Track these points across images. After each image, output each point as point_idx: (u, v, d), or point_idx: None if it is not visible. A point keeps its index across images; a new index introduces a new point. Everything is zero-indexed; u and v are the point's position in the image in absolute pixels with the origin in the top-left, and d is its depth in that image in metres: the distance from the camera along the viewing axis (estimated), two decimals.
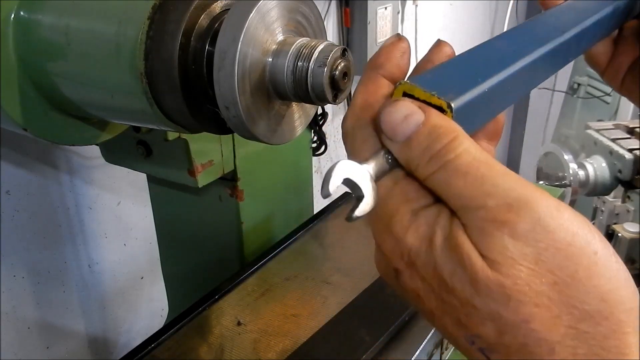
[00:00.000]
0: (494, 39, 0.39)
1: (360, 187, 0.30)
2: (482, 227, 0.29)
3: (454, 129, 0.30)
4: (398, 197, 0.31)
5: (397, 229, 0.31)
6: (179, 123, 0.48)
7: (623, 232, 1.70)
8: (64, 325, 1.20)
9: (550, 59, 0.40)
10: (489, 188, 0.29)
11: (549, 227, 0.28)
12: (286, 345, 0.78)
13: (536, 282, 0.28)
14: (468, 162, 0.29)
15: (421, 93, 0.31)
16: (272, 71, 0.44)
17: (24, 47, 0.51)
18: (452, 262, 0.29)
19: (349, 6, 1.68)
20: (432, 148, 0.30)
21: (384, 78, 0.34)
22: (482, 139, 0.36)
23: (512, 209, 0.28)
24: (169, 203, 1.01)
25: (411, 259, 0.31)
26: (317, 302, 0.87)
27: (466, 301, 0.29)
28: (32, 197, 1.08)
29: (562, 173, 1.78)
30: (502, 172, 0.29)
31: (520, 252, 0.28)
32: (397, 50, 0.35)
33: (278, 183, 1.03)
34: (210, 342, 0.80)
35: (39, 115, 0.54)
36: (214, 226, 0.99)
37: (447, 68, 0.35)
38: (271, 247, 1.00)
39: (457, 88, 0.32)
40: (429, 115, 0.30)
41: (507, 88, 0.35)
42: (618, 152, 1.66)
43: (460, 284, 0.29)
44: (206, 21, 0.46)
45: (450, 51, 0.37)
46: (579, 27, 0.43)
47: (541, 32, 0.41)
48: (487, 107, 0.34)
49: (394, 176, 0.32)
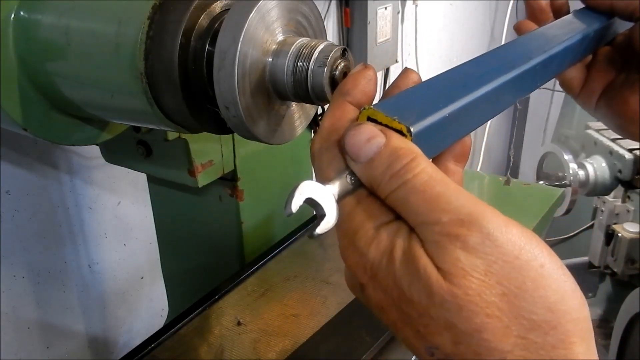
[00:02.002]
0: (462, 64, 0.41)
1: (322, 206, 0.32)
2: (437, 240, 0.31)
3: (413, 150, 0.32)
4: (362, 214, 0.34)
5: (360, 243, 0.33)
6: (179, 123, 0.48)
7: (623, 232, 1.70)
8: (64, 325, 1.20)
9: (515, 85, 0.41)
10: (443, 205, 0.31)
11: (497, 240, 0.30)
12: (286, 345, 0.78)
13: (486, 293, 0.30)
14: (425, 181, 0.31)
15: (383, 118, 0.33)
16: (272, 71, 0.44)
17: (24, 47, 0.51)
18: (410, 273, 0.31)
19: (349, 6, 1.68)
20: (392, 168, 0.32)
21: (350, 104, 0.36)
22: (449, 160, 0.38)
23: (464, 224, 0.30)
24: (169, 203, 1.01)
25: (373, 272, 0.33)
26: (317, 302, 0.87)
27: (423, 311, 0.31)
28: (32, 197, 1.08)
29: (562, 173, 1.78)
30: (456, 190, 0.32)
31: (471, 263, 0.30)
32: (362, 78, 0.37)
33: (278, 183, 1.03)
34: (210, 342, 0.80)
35: (39, 115, 0.54)
36: (214, 226, 0.99)
37: (412, 94, 0.37)
38: (271, 247, 1.00)
39: (418, 113, 0.34)
40: (389, 138, 0.33)
41: (470, 112, 0.37)
42: (618, 152, 1.66)
43: (417, 294, 0.31)
44: (206, 21, 0.46)
45: (417, 78, 0.39)
46: (546, 54, 0.45)
47: (508, 59, 0.42)
48: (449, 131, 0.36)
49: (358, 195, 0.34)
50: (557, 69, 0.49)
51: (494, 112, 0.40)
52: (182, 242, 1.05)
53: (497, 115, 0.42)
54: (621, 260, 1.73)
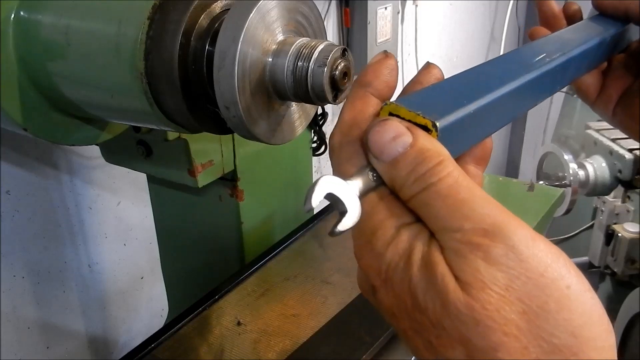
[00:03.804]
0: (481, 64, 0.40)
1: (343, 202, 0.30)
2: (458, 248, 0.29)
3: (440, 152, 0.31)
4: (383, 212, 0.32)
5: (379, 243, 0.32)
6: (179, 123, 0.48)
7: (623, 232, 1.70)
8: (64, 325, 1.20)
9: (535, 86, 0.40)
10: (467, 212, 0.29)
11: (522, 255, 0.28)
12: (286, 345, 0.78)
13: (505, 309, 0.28)
14: (450, 186, 0.30)
15: (407, 113, 0.32)
16: (272, 71, 0.44)
17: (24, 47, 0.51)
18: (426, 280, 0.30)
19: (349, 6, 1.68)
20: (417, 171, 0.30)
21: (372, 96, 0.34)
22: (469, 163, 0.37)
23: (488, 234, 0.29)
24: (169, 203, 1.01)
25: (388, 275, 0.31)
26: (317, 302, 0.87)
27: (437, 322, 0.29)
28: (32, 197, 1.08)
29: (562, 173, 1.78)
30: (482, 198, 0.30)
31: (491, 276, 0.28)
32: (384, 68, 0.35)
33: (278, 183, 1.03)
34: (210, 342, 0.80)
35: (39, 115, 0.54)
36: (214, 226, 0.99)
37: (434, 90, 0.35)
38: (271, 247, 1.00)
39: (443, 109, 0.32)
40: (416, 138, 0.31)
41: (492, 112, 0.36)
42: (618, 152, 1.66)
43: (432, 303, 0.29)
44: (206, 21, 0.46)
45: (439, 74, 0.37)
46: (565, 56, 0.44)
47: (528, 59, 0.42)
48: (472, 130, 0.35)
49: (380, 192, 0.32)
50: (575, 73, 0.49)
51: (515, 113, 0.39)
52: (182, 242, 1.05)
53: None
54: (621, 260, 1.73)
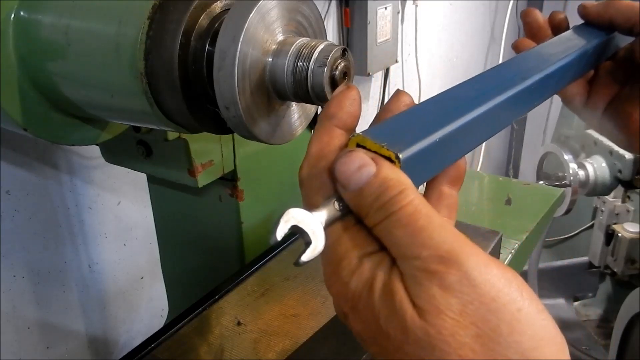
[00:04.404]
0: (456, 86, 0.40)
1: (307, 234, 0.31)
2: (416, 275, 0.30)
3: (402, 182, 0.32)
4: (347, 243, 0.33)
5: (344, 273, 0.33)
6: (179, 123, 0.48)
7: (623, 232, 1.70)
8: (64, 325, 1.20)
9: (510, 105, 0.40)
10: (424, 240, 0.30)
11: (475, 280, 0.29)
12: (286, 345, 0.78)
13: (460, 333, 0.29)
14: (409, 214, 0.31)
15: (372, 144, 0.33)
16: (272, 71, 0.44)
17: (24, 47, 0.51)
18: (387, 307, 0.31)
19: (349, 6, 1.68)
20: (380, 199, 0.32)
21: (337, 128, 0.36)
22: (443, 184, 0.38)
23: (444, 261, 0.30)
24: (169, 203, 1.01)
25: (354, 302, 0.33)
26: (317, 302, 0.87)
27: (399, 347, 0.31)
28: (32, 197, 1.08)
29: (562, 173, 1.78)
30: (440, 225, 0.31)
31: (446, 302, 0.29)
32: (346, 99, 0.36)
33: (278, 183, 1.03)
34: (210, 342, 0.80)
35: (39, 115, 0.54)
36: (214, 226, 0.99)
37: (401, 119, 0.36)
38: (271, 247, 1.00)
39: (407, 139, 0.34)
40: (380, 167, 0.32)
41: (462, 136, 0.36)
42: (618, 152, 1.66)
43: (393, 329, 0.31)
44: (206, 21, 0.46)
45: (409, 100, 0.38)
46: (542, 73, 0.44)
47: (503, 79, 0.42)
48: (441, 155, 0.36)
49: (345, 223, 0.34)
50: (556, 87, 0.48)
51: (489, 133, 0.40)
52: (182, 242, 1.05)
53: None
54: (621, 260, 1.73)
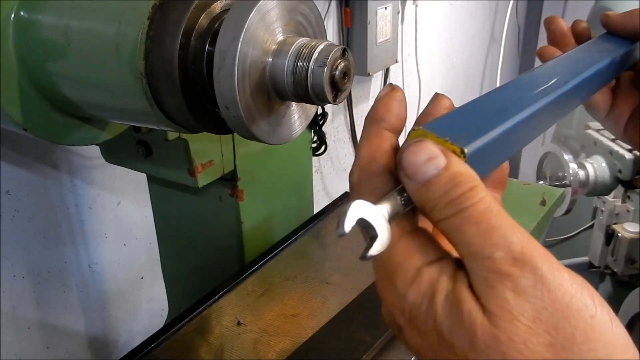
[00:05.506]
0: (497, 88, 0.40)
1: (374, 227, 0.30)
2: (486, 277, 0.29)
3: (474, 177, 0.31)
4: (403, 251, 0.32)
5: (400, 284, 0.32)
6: (179, 123, 0.48)
7: (623, 232, 1.70)
8: (64, 325, 1.20)
9: (552, 109, 0.40)
10: (497, 239, 0.29)
11: (550, 285, 0.28)
12: (286, 345, 0.78)
13: (532, 341, 0.28)
14: (482, 212, 0.30)
15: (435, 139, 0.32)
16: (272, 71, 0.44)
17: (24, 47, 0.51)
18: (452, 318, 0.30)
19: (349, 6, 1.68)
20: (450, 194, 0.30)
21: (386, 131, 0.35)
22: (488, 188, 0.36)
23: (517, 263, 0.29)
24: (169, 203, 1.01)
25: (412, 314, 0.31)
26: (317, 302, 0.87)
27: (463, 356, 0.29)
28: (32, 197, 1.08)
29: (562, 173, 1.78)
30: (512, 225, 0.30)
31: (519, 307, 0.28)
32: (393, 101, 0.35)
33: (278, 183, 1.03)
34: (210, 342, 0.80)
35: (39, 115, 0.54)
36: (214, 226, 0.99)
37: (457, 116, 0.36)
38: (271, 247, 1.00)
39: (469, 134, 0.33)
40: (450, 161, 0.31)
41: (514, 135, 0.36)
42: (618, 152, 1.66)
43: (459, 340, 0.29)
44: (206, 21, 0.46)
45: (449, 103, 0.37)
46: (580, 77, 0.44)
47: (543, 82, 0.41)
48: (496, 154, 0.35)
49: (400, 231, 0.32)
50: (587, 94, 0.49)
51: (529, 137, 0.39)
52: (182, 242, 1.05)
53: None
54: (621, 260, 1.73)
